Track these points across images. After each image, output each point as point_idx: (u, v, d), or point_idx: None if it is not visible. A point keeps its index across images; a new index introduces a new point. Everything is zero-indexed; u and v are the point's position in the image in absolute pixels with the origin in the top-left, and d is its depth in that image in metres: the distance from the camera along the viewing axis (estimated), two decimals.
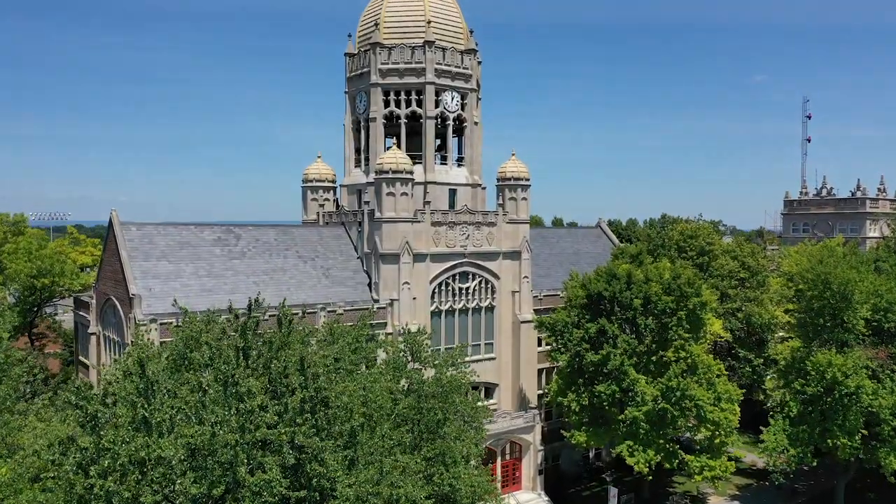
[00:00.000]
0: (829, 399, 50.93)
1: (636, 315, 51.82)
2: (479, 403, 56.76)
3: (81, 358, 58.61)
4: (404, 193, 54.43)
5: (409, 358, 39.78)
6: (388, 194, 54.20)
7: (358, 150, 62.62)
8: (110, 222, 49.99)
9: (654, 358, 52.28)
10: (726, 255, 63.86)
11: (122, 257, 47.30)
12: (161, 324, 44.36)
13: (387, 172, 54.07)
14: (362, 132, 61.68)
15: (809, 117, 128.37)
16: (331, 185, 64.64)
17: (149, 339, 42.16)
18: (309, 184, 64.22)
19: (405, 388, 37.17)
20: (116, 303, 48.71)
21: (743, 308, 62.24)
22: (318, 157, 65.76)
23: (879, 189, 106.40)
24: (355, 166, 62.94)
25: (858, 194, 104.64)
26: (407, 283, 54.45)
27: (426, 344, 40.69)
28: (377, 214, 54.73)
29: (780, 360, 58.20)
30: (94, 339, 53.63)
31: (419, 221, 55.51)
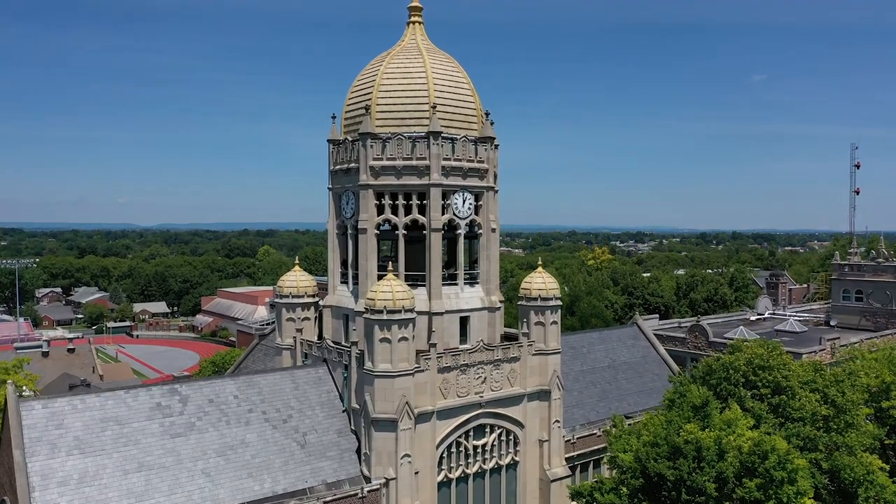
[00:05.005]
0: None
1: (709, 501, 39.41)
2: None
3: None
4: (403, 339, 41.51)
5: None
6: (383, 340, 41.31)
7: (345, 263, 49.52)
8: (5, 401, 37.03)
9: None
10: (805, 388, 50.91)
11: (14, 459, 34.29)
12: None
13: (380, 312, 41.19)
14: (350, 240, 48.68)
15: (858, 166, 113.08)
16: (311, 300, 51.37)
17: None
18: (284, 300, 50.94)
19: None
20: None
21: (830, 457, 49.33)
22: (296, 264, 52.80)
23: None
24: (341, 282, 49.84)
25: None
26: (407, 455, 41.60)
27: None
28: (368, 364, 41.82)
29: None
30: None
31: (422, 370, 42.72)
